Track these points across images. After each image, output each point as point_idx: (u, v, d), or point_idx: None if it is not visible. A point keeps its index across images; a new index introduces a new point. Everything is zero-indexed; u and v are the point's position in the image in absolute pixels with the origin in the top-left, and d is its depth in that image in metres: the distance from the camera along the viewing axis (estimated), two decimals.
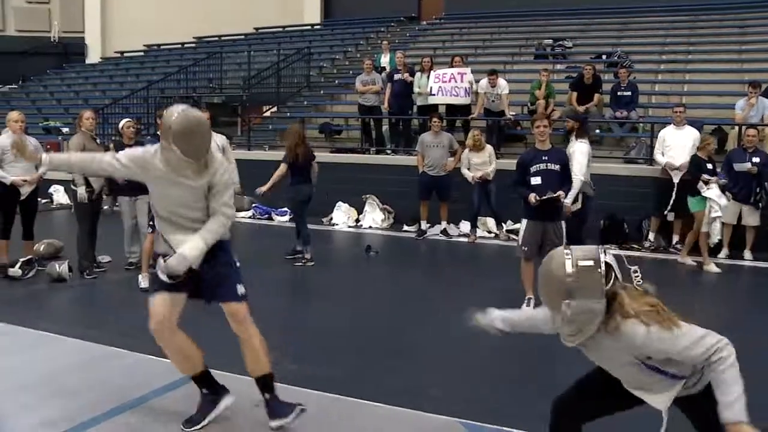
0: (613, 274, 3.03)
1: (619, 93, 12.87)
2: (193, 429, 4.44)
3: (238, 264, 4.59)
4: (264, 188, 9.43)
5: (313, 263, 9.39)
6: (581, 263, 2.96)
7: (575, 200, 8.33)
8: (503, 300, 7.52)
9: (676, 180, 10.30)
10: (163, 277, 4.19)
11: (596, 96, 12.95)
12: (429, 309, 7.45)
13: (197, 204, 4.31)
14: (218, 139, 9.06)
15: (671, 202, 10.29)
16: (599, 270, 2.96)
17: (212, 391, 4.66)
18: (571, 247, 3.07)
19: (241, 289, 4.49)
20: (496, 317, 3.83)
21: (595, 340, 3.11)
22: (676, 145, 10.40)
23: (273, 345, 6.12)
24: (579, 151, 8.71)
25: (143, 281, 7.89)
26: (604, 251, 3.06)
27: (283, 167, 9.42)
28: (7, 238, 8.62)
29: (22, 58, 25.09)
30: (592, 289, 2.95)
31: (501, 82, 12.92)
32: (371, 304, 7.69)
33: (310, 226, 9.64)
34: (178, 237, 4.30)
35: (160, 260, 4.21)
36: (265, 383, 4.54)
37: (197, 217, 4.33)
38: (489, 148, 11.47)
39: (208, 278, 4.45)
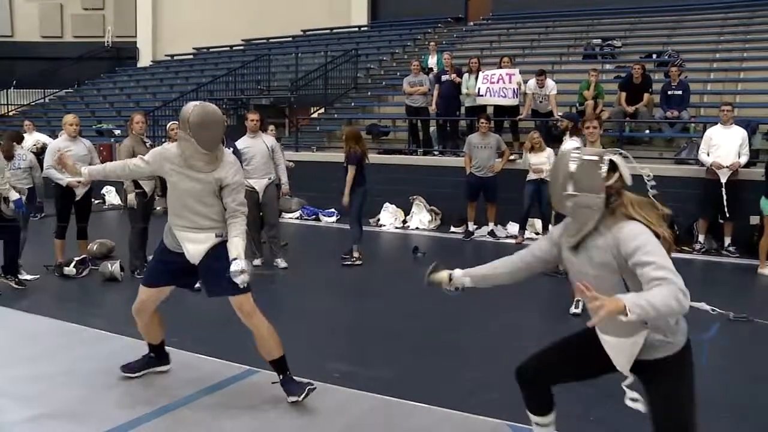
0: (618, 174, 3.15)
1: (669, 92, 12.62)
2: (129, 375, 5.06)
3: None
4: (346, 198, 9.45)
5: (360, 263, 9.43)
6: (586, 157, 3.11)
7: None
8: (549, 302, 7.53)
9: (723, 180, 10.09)
10: (241, 285, 4.52)
11: (646, 96, 12.73)
12: (476, 310, 7.41)
13: (206, 199, 4.60)
14: (268, 141, 9.15)
15: (724, 204, 10.06)
16: (602, 165, 3.09)
17: (158, 356, 5.20)
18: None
19: None
20: (460, 276, 4.03)
21: (588, 245, 3.20)
22: (724, 145, 10.18)
23: (320, 345, 6.20)
24: (569, 146, 8.84)
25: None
26: (618, 153, 3.21)
27: (353, 170, 9.42)
28: (63, 237, 8.84)
29: (77, 63, 25.65)
30: (591, 182, 3.08)
31: (549, 82, 12.81)
32: (419, 304, 7.66)
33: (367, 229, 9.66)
34: (188, 234, 4.65)
35: (237, 272, 4.47)
36: (278, 366, 4.82)
37: (206, 213, 4.63)
38: (549, 150, 11.31)
39: (210, 272, 4.70)
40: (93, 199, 9.52)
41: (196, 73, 23.39)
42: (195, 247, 4.68)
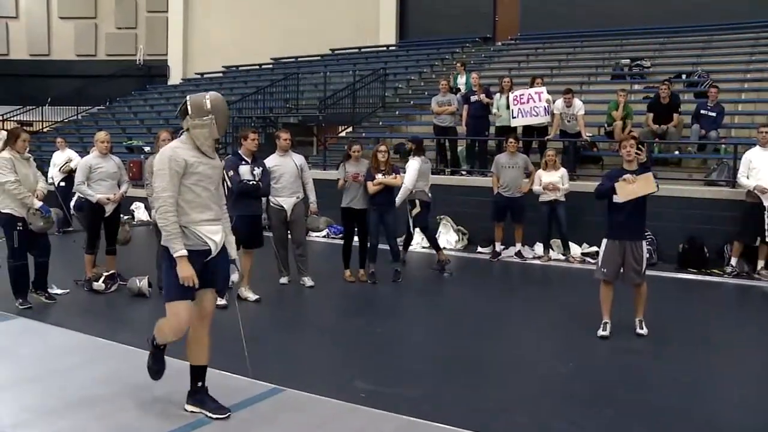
0: None
1: (702, 111, 12.48)
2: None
3: None
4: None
5: (375, 282, 9.45)
6: None
7: (414, 205, 10.32)
8: (577, 322, 7.46)
9: (767, 203, 9.91)
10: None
11: (675, 116, 12.62)
12: (502, 330, 7.40)
13: (218, 186, 4.88)
14: (297, 159, 9.18)
15: (766, 227, 9.87)
16: None
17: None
18: None
19: None
20: None
21: None
22: (764, 168, 9.94)
23: (346, 363, 6.19)
24: (410, 166, 10.38)
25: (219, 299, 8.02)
26: None
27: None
28: (92, 253, 8.92)
29: (109, 81, 26.03)
30: None
31: (576, 102, 12.75)
32: (445, 324, 7.65)
33: (383, 246, 9.67)
34: (210, 227, 4.73)
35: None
36: (203, 373, 4.91)
37: (219, 202, 4.90)
38: (563, 170, 11.30)
39: (219, 269, 4.87)
40: (122, 215, 9.60)
41: (225, 91, 23.56)
42: (218, 237, 4.79)
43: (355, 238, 9.74)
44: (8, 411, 4.94)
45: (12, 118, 23.69)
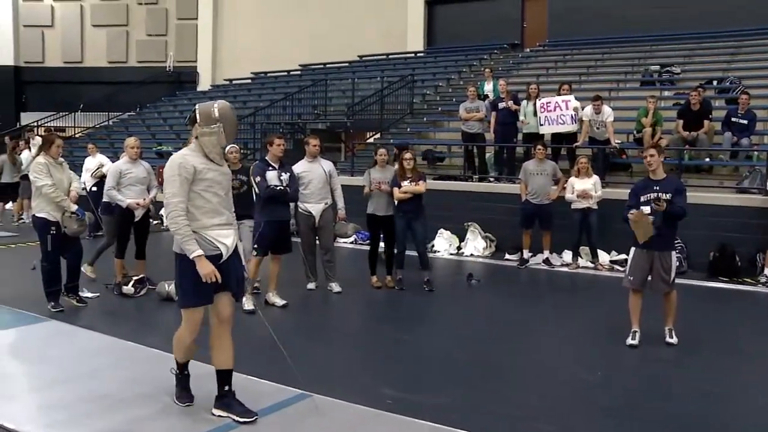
0: None
1: (733, 119, 12.33)
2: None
3: None
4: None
5: (402, 289, 9.44)
6: None
7: None
8: (605, 330, 7.40)
9: None
10: None
11: (706, 123, 12.47)
12: (529, 337, 7.35)
13: (228, 191, 4.99)
14: (326, 165, 9.20)
15: None
16: None
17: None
18: None
19: None
20: None
21: None
22: None
23: (373, 370, 6.19)
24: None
25: (247, 303, 8.06)
26: None
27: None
28: (122, 257, 9.01)
29: (140, 87, 26.34)
30: None
31: (606, 109, 12.64)
32: (473, 331, 7.62)
33: (412, 254, 9.66)
34: (221, 231, 4.83)
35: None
36: (229, 377, 4.98)
37: (230, 206, 5.01)
38: (595, 177, 11.22)
39: (233, 272, 4.93)
40: (151, 220, 9.68)
41: (254, 97, 23.77)
42: (229, 240, 4.89)
43: (381, 244, 9.74)
44: (40, 412, 5.02)
45: (46, 124, 24.04)
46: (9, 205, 16.83)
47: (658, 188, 6.90)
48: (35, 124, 24.24)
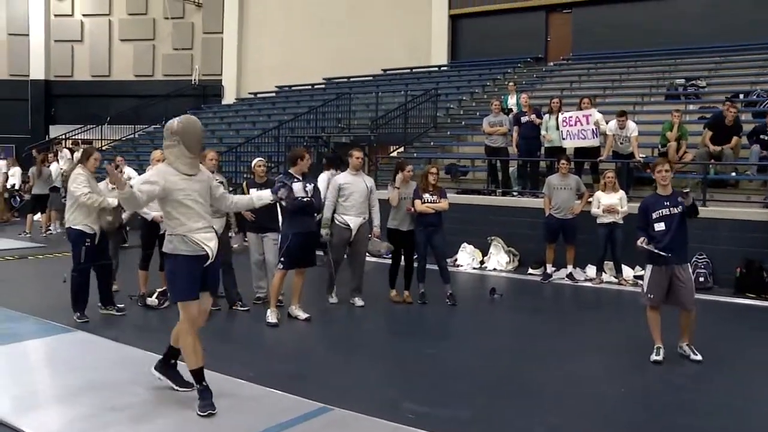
0: None
1: (762, 136, 12.15)
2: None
3: None
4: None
5: (425, 303, 9.44)
6: None
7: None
8: (629, 346, 7.35)
9: None
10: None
11: (734, 138, 12.33)
12: (553, 352, 7.30)
13: (206, 197, 5.40)
14: (367, 180, 9.22)
15: None
16: None
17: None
18: None
19: None
20: None
21: None
22: None
23: (395, 384, 6.19)
24: (320, 179, 10.10)
25: (271, 316, 8.10)
26: None
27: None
28: (146, 269, 9.10)
29: (165, 100, 26.58)
30: None
31: (630, 124, 12.58)
32: (495, 346, 7.60)
33: (433, 267, 9.66)
34: (205, 234, 5.26)
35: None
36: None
37: (208, 211, 5.41)
38: (622, 192, 11.17)
39: (214, 271, 5.50)
40: None
41: (278, 110, 23.91)
42: (213, 243, 5.33)
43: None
44: (64, 421, 5.08)
45: (73, 137, 24.35)
46: (37, 216, 17.02)
47: (668, 203, 6.86)
48: (63, 136, 24.56)
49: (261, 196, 5.97)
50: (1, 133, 28.12)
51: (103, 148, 24.85)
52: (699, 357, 6.83)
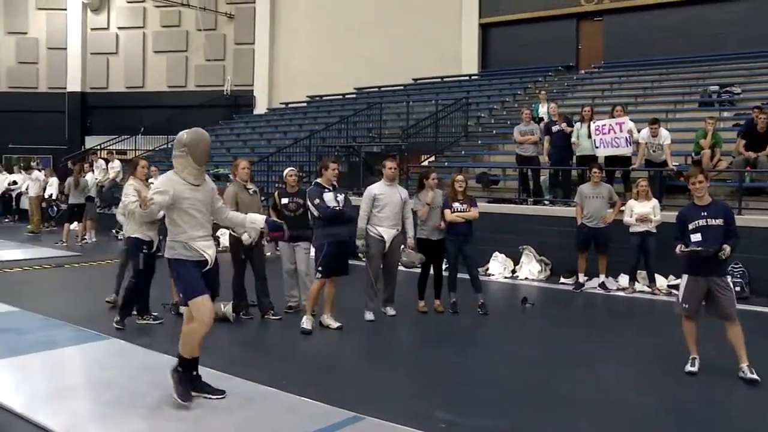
0: None
1: None
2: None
3: None
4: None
5: (457, 312, 9.40)
6: None
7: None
8: (663, 357, 7.26)
9: None
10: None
11: None
12: (585, 362, 7.24)
13: (208, 207, 5.69)
14: (402, 192, 9.20)
15: None
16: None
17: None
18: None
19: None
20: None
21: None
22: None
23: (427, 393, 6.18)
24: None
25: (306, 323, 8.15)
26: None
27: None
28: None
29: (198, 111, 26.85)
30: None
31: (663, 132, 12.46)
32: (527, 355, 7.55)
33: (464, 277, 9.63)
34: (206, 242, 5.59)
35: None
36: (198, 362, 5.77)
37: (210, 220, 5.73)
38: (655, 200, 11.06)
39: (213, 276, 5.76)
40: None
41: (309, 120, 24.05)
42: (211, 251, 5.66)
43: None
44: (94, 425, 5.14)
45: (108, 147, 24.68)
46: (74, 226, 17.24)
47: (705, 214, 6.70)
48: (99, 147, 24.89)
49: (254, 220, 6.08)
50: (40, 144, 28.82)
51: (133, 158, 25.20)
52: (755, 377, 6.43)
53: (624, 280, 11.35)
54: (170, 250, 5.57)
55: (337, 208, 8.20)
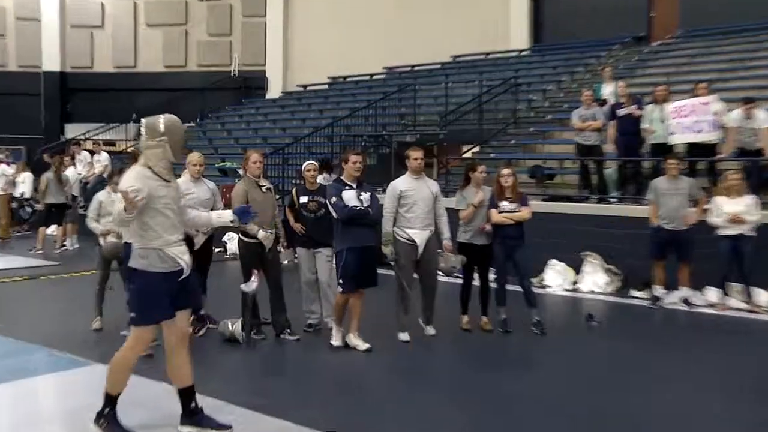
0: None
1: None
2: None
3: None
4: None
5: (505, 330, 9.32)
6: None
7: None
8: (757, 386, 7.06)
9: None
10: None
11: None
12: (659, 390, 7.13)
13: (179, 205, 5.70)
14: (432, 185, 9.08)
15: None
16: None
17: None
18: None
19: None
20: None
21: None
22: None
23: (476, 418, 6.12)
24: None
25: (336, 338, 8.17)
26: None
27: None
28: None
29: (201, 95, 26.93)
30: None
31: (759, 114, 12.19)
32: (592, 381, 7.46)
33: (515, 289, 9.52)
34: (180, 248, 5.56)
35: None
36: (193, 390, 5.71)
37: (182, 220, 5.75)
38: (750, 197, 10.77)
39: (190, 285, 5.73)
40: (214, 248, 9.78)
41: (331, 105, 24.05)
42: (187, 257, 5.62)
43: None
44: None
45: (94, 137, 24.78)
46: (51, 230, 17.11)
47: None
48: (82, 137, 24.89)
49: (221, 215, 6.23)
50: (10, 133, 27.55)
51: (129, 149, 25.26)
52: None
53: (713, 294, 11.11)
54: (140, 260, 5.43)
55: (358, 207, 8.09)
